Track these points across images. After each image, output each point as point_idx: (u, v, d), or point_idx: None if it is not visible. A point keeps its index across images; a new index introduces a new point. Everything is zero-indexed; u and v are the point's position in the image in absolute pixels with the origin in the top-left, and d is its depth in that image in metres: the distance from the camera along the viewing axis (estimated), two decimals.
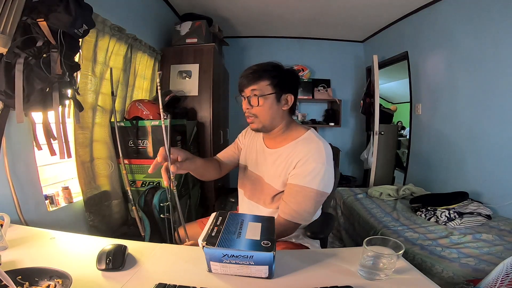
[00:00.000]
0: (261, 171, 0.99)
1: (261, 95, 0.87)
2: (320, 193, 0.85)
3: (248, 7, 2.77)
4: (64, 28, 1.04)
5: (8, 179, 1.11)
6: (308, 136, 0.93)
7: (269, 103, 0.88)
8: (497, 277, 0.91)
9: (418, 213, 1.89)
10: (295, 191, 0.86)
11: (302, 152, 0.87)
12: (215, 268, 0.62)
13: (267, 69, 0.89)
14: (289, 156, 0.90)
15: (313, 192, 0.84)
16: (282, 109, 0.91)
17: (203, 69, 2.40)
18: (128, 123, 1.78)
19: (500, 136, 1.89)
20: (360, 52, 3.76)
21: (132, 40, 1.86)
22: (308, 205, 0.85)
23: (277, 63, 0.92)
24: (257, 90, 0.87)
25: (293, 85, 0.92)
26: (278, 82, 0.87)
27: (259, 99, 0.87)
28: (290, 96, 0.90)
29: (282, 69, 0.91)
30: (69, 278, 0.57)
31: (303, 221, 0.88)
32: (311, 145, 0.88)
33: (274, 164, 0.94)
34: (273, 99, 0.88)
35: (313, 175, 0.84)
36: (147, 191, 1.73)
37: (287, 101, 0.90)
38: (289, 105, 0.91)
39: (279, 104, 0.89)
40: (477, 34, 2.03)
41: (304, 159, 0.85)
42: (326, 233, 1.11)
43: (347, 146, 3.85)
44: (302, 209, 0.85)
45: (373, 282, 0.62)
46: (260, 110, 0.89)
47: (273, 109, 0.89)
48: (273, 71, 0.89)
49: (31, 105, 1.07)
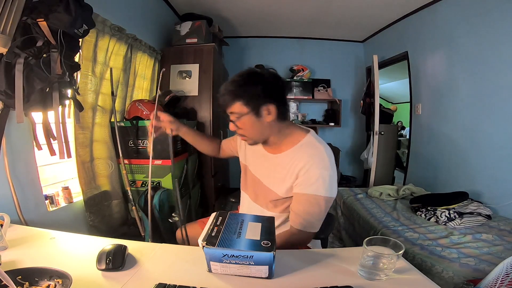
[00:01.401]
0: (262, 175, 0.98)
1: (239, 116, 0.84)
2: (327, 199, 0.84)
3: (248, 7, 2.77)
4: (64, 28, 1.04)
5: (8, 179, 1.11)
6: (308, 140, 0.90)
7: (250, 121, 0.84)
8: (497, 277, 0.91)
9: (418, 213, 1.89)
10: (303, 200, 0.85)
11: (303, 159, 0.84)
12: (215, 268, 0.62)
13: (234, 89, 0.83)
14: (290, 162, 0.87)
15: (321, 199, 0.83)
16: (266, 121, 0.85)
17: (203, 69, 2.40)
18: (128, 123, 1.78)
19: (500, 136, 1.89)
20: (360, 52, 3.76)
21: (132, 40, 1.86)
22: (317, 213, 0.85)
23: (251, 73, 0.85)
24: (234, 113, 0.85)
25: (270, 93, 0.84)
26: (250, 98, 0.82)
27: (238, 123, 0.86)
28: (270, 106, 0.83)
29: (256, 80, 0.83)
30: (69, 278, 0.57)
31: (315, 229, 0.88)
32: (312, 150, 0.86)
33: (275, 170, 0.92)
34: (251, 116, 0.83)
35: (319, 182, 0.82)
36: (147, 191, 1.72)
37: (269, 111, 0.83)
38: (272, 116, 0.84)
39: (260, 118, 0.84)
40: (477, 34, 2.03)
41: (306, 166, 0.83)
42: (326, 233, 1.12)
43: (347, 146, 3.85)
44: (313, 217, 0.85)
45: (373, 282, 0.62)
46: (244, 130, 0.88)
47: (256, 125, 0.85)
48: (240, 88, 0.82)
49: (31, 105, 1.07)
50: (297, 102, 3.67)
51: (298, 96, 3.56)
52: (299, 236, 0.87)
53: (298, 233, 0.86)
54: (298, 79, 3.55)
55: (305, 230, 0.86)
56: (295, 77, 3.55)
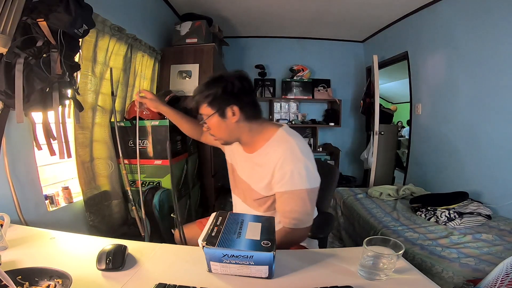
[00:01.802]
0: (244, 175, 0.98)
1: (206, 119, 0.88)
2: (309, 191, 0.83)
3: (248, 7, 2.77)
4: (64, 28, 1.04)
5: (8, 179, 1.11)
6: (279, 135, 0.89)
7: (216, 122, 0.87)
8: (497, 277, 0.91)
9: (418, 213, 1.89)
10: (285, 199, 0.84)
11: (276, 155, 0.84)
12: (215, 268, 0.62)
13: (199, 92, 0.87)
14: (265, 160, 0.88)
15: (302, 192, 0.82)
16: (232, 122, 0.87)
17: (203, 69, 2.40)
18: (128, 123, 1.78)
19: (500, 136, 1.89)
20: (360, 52, 3.76)
21: (132, 40, 1.86)
22: (303, 208, 0.83)
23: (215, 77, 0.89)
24: (203, 114, 0.89)
25: (232, 94, 0.85)
26: (213, 100, 0.85)
27: (205, 124, 0.90)
28: (233, 107, 0.85)
29: (219, 83, 0.86)
30: (69, 278, 0.57)
31: (308, 223, 0.86)
32: (283, 145, 0.86)
33: (253, 169, 0.93)
34: (217, 117, 0.86)
35: (295, 177, 0.82)
36: (147, 191, 1.73)
37: (233, 112, 0.85)
38: (237, 116, 0.86)
39: (226, 119, 0.86)
40: (477, 34, 2.03)
41: (280, 162, 0.83)
42: (326, 233, 1.12)
43: (347, 146, 3.85)
44: (300, 213, 0.84)
45: (373, 282, 0.62)
46: (212, 131, 0.91)
47: (223, 126, 0.88)
48: (204, 91, 0.86)
49: (31, 105, 1.07)
50: (297, 102, 3.67)
51: (298, 96, 3.56)
52: (294, 234, 0.85)
53: (292, 231, 0.85)
54: (298, 79, 3.55)
55: (297, 228, 0.84)
56: (295, 77, 3.55)
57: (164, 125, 1.75)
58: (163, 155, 1.77)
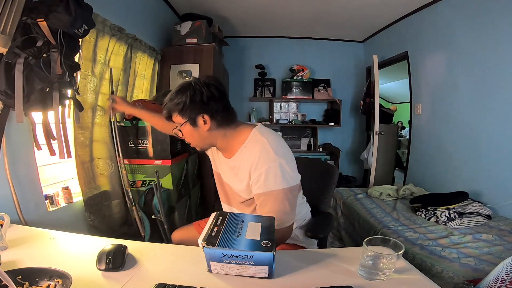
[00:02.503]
0: (229, 180, 0.98)
1: (179, 128, 0.87)
2: (287, 190, 0.81)
3: (248, 7, 2.77)
4: (64, 28, 1.04)
5: (8, 179, 1.11)
6: (252, 136, 0.88)
7: (188, 131, 0.87)
8: (497, 277, 0.91)
9: (418, 213, 1.89)
10: (263, 201, 0.83)
11: (250, 158, 0.84)
12: (215, 268, 0.62)
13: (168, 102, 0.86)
14: (241, 163, 0.88)
15: (279, 192, 0.81)
16: (204, 130, 0.86)
17: (203, 69, 2.40)
18: (128, 123, 1.78)
19: (500, 136, 1.89)
20: (360, 52, 3.76)
21: (132, 40, 1.86)
22: (282, 207, 0.81)
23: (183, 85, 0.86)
24: (175, 123, 0.88)
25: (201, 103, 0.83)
26: (182, 109, 0.83)
27: (179, 133, 0.89)
28: (203, 115, 0.84)
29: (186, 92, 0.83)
30: (69, 278, 0.57)
31: (289, 222, 0.84)
32: (256, 146, 0.85)
33: (233, 173, 0.93)
34: (189, 126, 0.85)
35: (270, 178, 0.81)
36: (147, 191, 1.72)
37: (205, 121, 0.84)
38: (208, 125, 0.85)
39: (197, 127, 0.85)
40: (477, 34, 2.03)
41: (254, 164, 0.83)
42: (326, 233, 1.11)
43: (347, 146, 3.85)
44: (280, 213, 0.81)
45: (373, 282, 0.62)
46: (187, 139, 0.91)
47: (195, 134, 0.87)
48: (172, 101, 0.85)
49: (31, 105, 1.07)
50: (297, 102, 3.67)
51: (298, 96, 3.57)
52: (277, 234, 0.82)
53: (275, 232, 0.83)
54: (298, 79, 3.55)
55: (279, 228, 0.81)
56: (295, 77, 3.55)
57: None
58: (163, 155, 1.77)
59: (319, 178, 1.23)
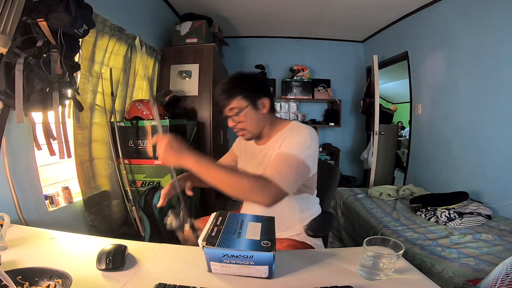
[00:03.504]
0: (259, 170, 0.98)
1: (240, 111, 0.92)
2: (302, 162, 0.84)
3: (248, 7, 2.77)
4: (64, 28, 1.04)
5: (8, 179, 1.11)
6: (292, 124, 0.99)
7: (250, 114, 0.93)
8: (497, 277, 0.91)
9: (418, 213, 1.89)
10: (277, 158, 0.87)
11: (285, 134, 0.93)
12: (215, 268, 0.62)
13: (234, 85, 0.93)
14: (275, 143, 0.95)
15: (295, 159, 0.84)
16: (263, 113, 0.95)
17: (203, 69, 2.40)
18: (128, 123, 1.78)
19: (500, 136, 1.89)
20: (360, 52, 3.76)
21: (132, 40, 1.86)
22: (289, 171, 0.82)
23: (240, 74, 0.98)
24: (235, 108, 0.92)
25: (262, 88, 0.97)
26: (248, 92, 0.92)
27: (240, 116, 0.93)
28: (264, 99, 0.95)
29: (247, 78, 0.96)
30: (69, 278, 0.57)
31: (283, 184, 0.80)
32: (294, 129, 0.94)
33: (265, 157, 0.98)
34: (250, 109, 0.93)
35: (296, 145, 0.86)
36: (147, 191, 1.72)
37: (264, 104, 0.95)
38: (267, 108, 0.95)
39: (258, 110, 0.94)
40: (477, 34, 2.03)
41: (287, 137, 0.91)
42: (326, 232, 1.12)
43: (347, 146, 3.85)
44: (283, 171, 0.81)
45: (373, 282, 0.62)
46: (245, 123, 0.95)
47: (255, 117, 0.94)
48: (240, 84, 0.94)
49: (31, 105, 1.07)
50: (297, 102, 3.67)
51: (298, 96, 3.56)
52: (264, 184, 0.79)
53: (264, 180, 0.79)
54: (298, 79, 3.55)
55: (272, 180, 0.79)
56: (295, 77, 3.55)
57: (164, 125, 1.75)
58: None
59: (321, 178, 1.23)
